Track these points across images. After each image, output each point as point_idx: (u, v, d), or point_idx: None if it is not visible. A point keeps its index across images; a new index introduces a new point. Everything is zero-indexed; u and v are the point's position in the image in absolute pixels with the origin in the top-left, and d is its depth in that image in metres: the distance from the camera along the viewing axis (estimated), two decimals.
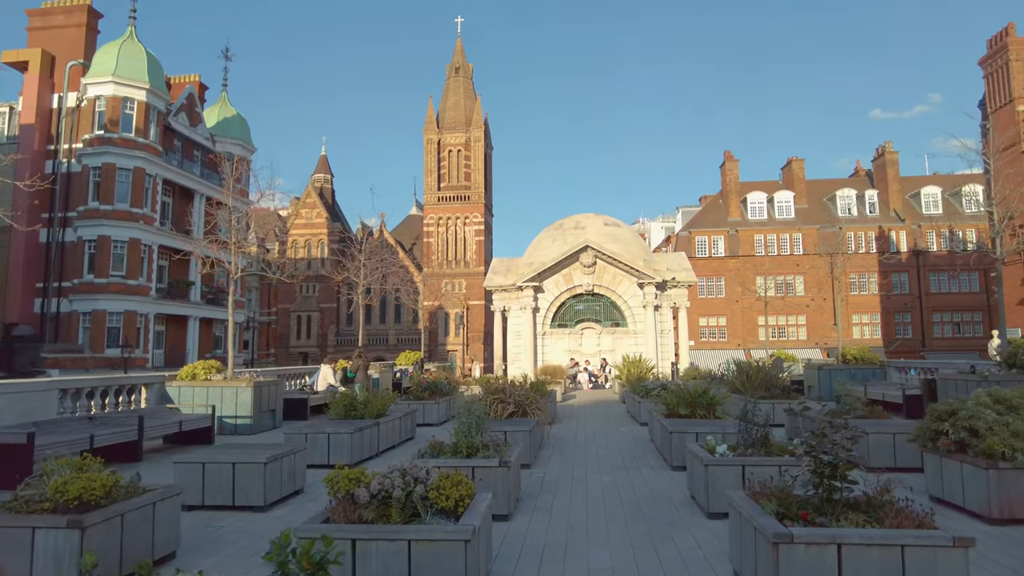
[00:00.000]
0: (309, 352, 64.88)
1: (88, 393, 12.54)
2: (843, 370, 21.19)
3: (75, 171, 34.13)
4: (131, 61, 34.23)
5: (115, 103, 33.89)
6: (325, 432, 9.34)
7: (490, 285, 33.05)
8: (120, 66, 33.72)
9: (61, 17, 36.39)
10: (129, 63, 34.07)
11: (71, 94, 34.83)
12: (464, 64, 73.21)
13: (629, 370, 23.04)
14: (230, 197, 16.21)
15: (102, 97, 33.74)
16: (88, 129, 33.99)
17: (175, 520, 5.39)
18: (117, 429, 10.13)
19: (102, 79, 33.44)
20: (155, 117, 35.39)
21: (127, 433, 10.24)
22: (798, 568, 3.67)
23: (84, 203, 33.15)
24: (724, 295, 55.19)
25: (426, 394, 15.15)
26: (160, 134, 35.86)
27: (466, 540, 3.88)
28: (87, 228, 32.93)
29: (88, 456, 5.32)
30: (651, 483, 8.34)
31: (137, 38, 35.68)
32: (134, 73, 34.04)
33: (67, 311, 32.96)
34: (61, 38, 35.93)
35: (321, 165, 74.28)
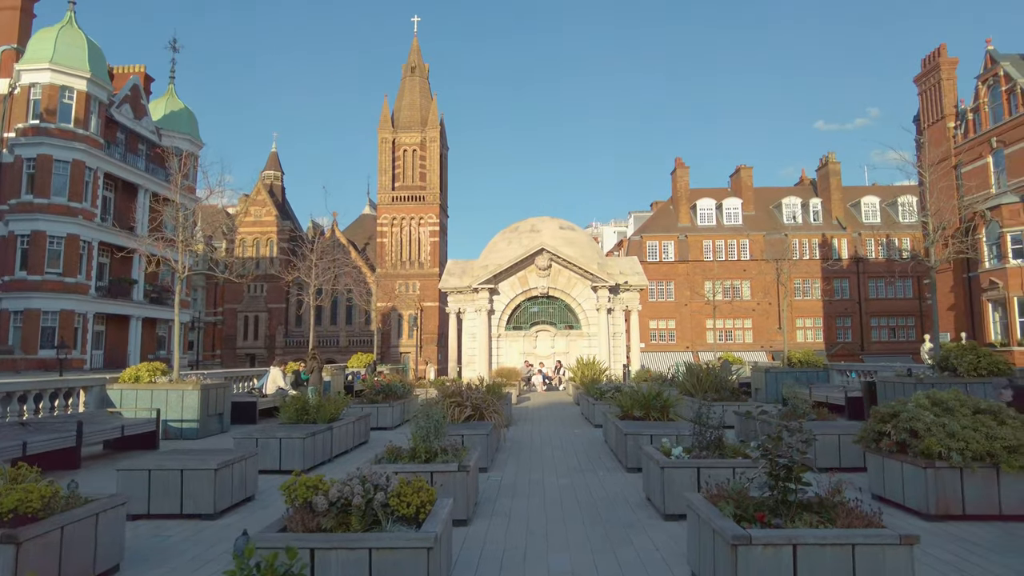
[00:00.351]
0: (256, 353, 63.27)
1: (20, 397, 11.90)
2: (789, 373, 21.83)
3: (6, 162, 32.42)
4: (70, 48, 32.71)
5: (52, 92, 32.32)
6: (277, 437, 9.10)
7: (445, 287, 32.88)
8: (58, 53, 32.17)
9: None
10: (68, 50, 32.55)
11: (2, 80, 33.06)
12: (420, 64, 72.70)
13: (583, 372, 23.25)
14: (178, 193, 15.65)
15: (38, 85, 32.13)
16: (22, 118, 32.30)
17: (119, 531, 5.16)
18: (53, 435, 9.65)
19: (38, 66, 31.84)
20: (97, 108, 33.94)
21: (64, 439, 9.77)
22: (756, 569, 3.76)
23: (16, 196, 31.48)
24: (674, 299, 56.31)
25: (380, 397, 14.94)
26: (102, 126, 34.41)
27: (428, 548, 3.84)
28: (19, 222, 31.29)
29: (23, 465, 5.04)
30: (607, 485, 8.43)
31: (77, 24, 34.13)
32: (73, 61, 32.54)
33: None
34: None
35: (271, 162, 72.61)
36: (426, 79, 72.95)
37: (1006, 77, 31.66)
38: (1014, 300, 31.05)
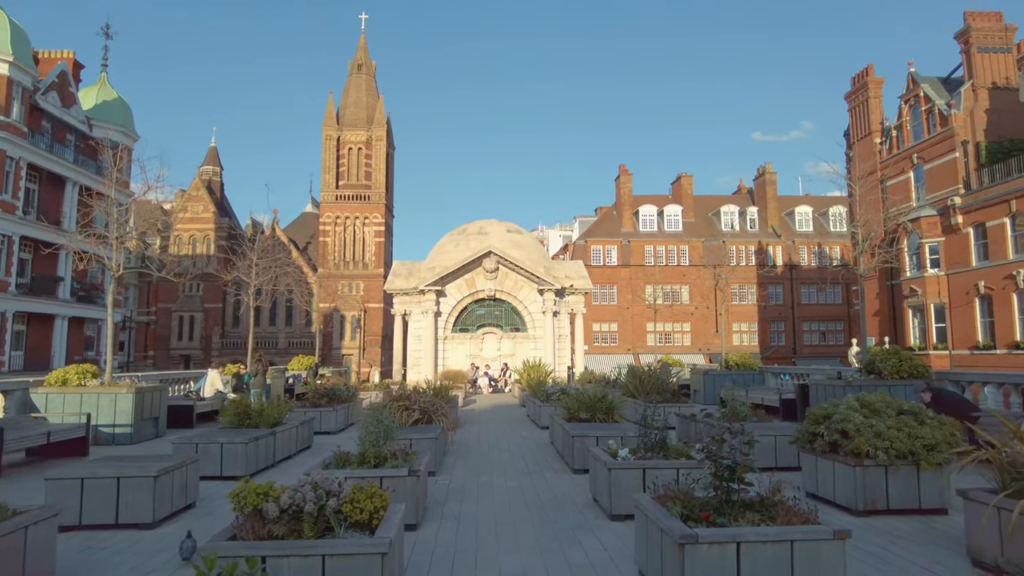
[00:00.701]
0: (192, 355, 60.99)
1: None
2: (726, 375, 22.57)
3: None
4: None
5: None
6: (218, 442, 8.83)
7: (391, 288, 32.53)
8: None
9: None
10: None
11: None
12: (367, 61, 71.72)
13: (529, 375, 23.43)
14: (112, 188, 14.96)
15: None
16: None
17: (50, 545, 4.92)
18: None
19: None
20: (20, 94, 32.12)
21: None
22: (702, 566, 3.91)
23: None
24: (616, 302, 57.38)
25: (324, 401, 14.68)
26: (26, 113, 32.58)
27: (383, 553, 3.83)
28: None
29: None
30: (555, 487, 8.55)
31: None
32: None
33: None
34: None
35: (210, 157, 70.21)
36: (373, 77, 72.02)
37: (926, 98, 33.66)
38: (931, 307, 33.00)
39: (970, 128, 31.75)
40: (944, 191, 32.44)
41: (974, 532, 5.18)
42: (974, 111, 31.78)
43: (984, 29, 32.05)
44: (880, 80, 37.61)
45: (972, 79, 32.20)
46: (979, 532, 5.06)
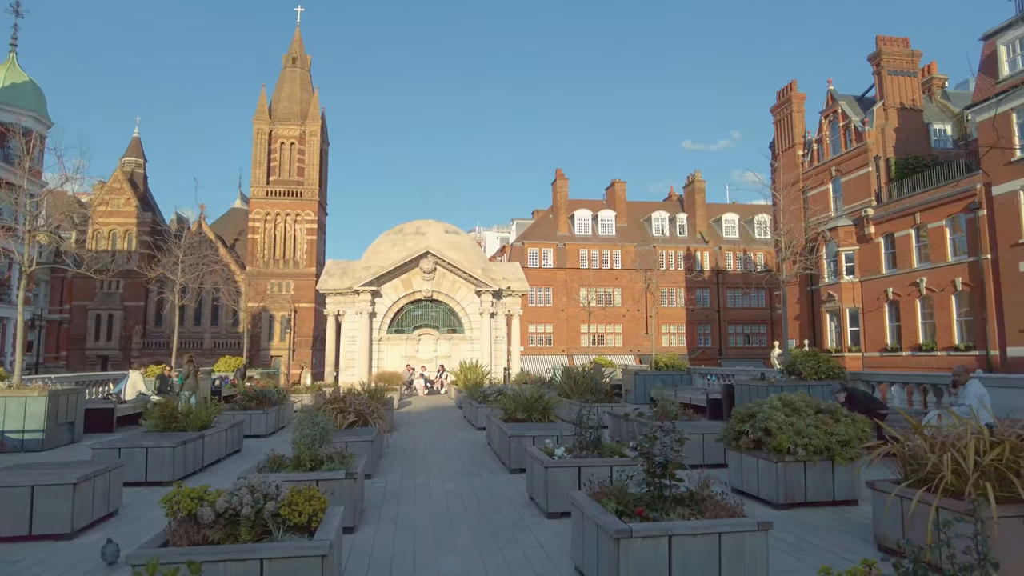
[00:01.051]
0: (110, 356, 57.81)
1: None
2: (656, 375, 23.24)
3: None
4: None
5: None
6: (143, 446, 8.47)
7: (324, 288, 31.84)
8: None
9: None
10: None
11: None
12: (302, 55, 69.94)
13: (466, 376, 23.46)
14: (25, 178, 14.06)
15: None
16: None
17: None
18: None
19: None
20: None
21: None
22: (636, 559, 4.08)
23: None
24: (552, 304, 58.10)
25: (253, 404, 14.25)
26: None
27: (323, 555, 3.81)
28: None
29: None
30: (492, 487, 8.63)
31: None
32: None
33: None
34: None
35: (133, 148, 66.80)
36: (308, 71, 70.31)
37: (843, 114, 35.73)
38: (846, 311, 35.01)
39: (881, 145, 33.90)
40: (859, 203, 34.49)
41: (880, 519, 5.60)
42: (885, 129, 33.95)
43: (893, 53, 34.32)
44: (803, 95, 39.64)
45: (883, 99, 34.40)
46: (883, 519, 5.48)
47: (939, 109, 37.36)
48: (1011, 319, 26.57)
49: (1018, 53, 26.44)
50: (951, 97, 38.62)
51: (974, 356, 28.17)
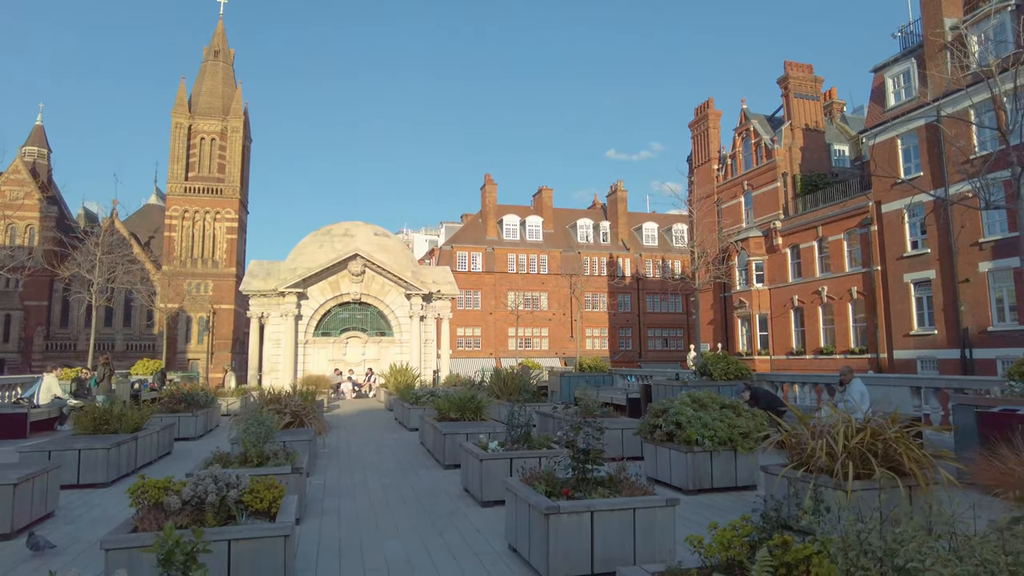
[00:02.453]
0: (7, 358, 54.03)
1: None
2: (580, 377, 24.22)
3: None
4: None
5: None
6: (75, 448, 8.43)
7: (247, 289, 31.18)
8: None
9: None
10: None
11: None
12: (225, 48, 67.74)
13: (396, 379, 23.67)
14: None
15: None
16: None
17: None
18: None
19: None
20: None
21: None
22: (564, 532, 4.70)
23: None
24: (480, 307, 58.72)
25: (182, 406, 14.08)
26: None
27: (286, 535, 4.22)
28: None
29: None
30: (427, 482, 9.11)
31: None
32: None
33: None
34: None
35: (35, 137, 62.71)
36: (231, 65, 68.15)
37: (755, 132, 38.19)
38: (756, 317, 37.38)
39: (789, 162, 36.48)
40: (768, 215, 36.94)
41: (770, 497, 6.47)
42: (792, 147, 36.56)
43: (799, 78, 37.04)
44: (719, 112, 42.06)
45: (790, 120, 37.05)
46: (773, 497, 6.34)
47: (838, 131, 40.51)
48: (897, 325, 29.25)
49: (902, 86, 29.19)
50: (848, 121, 41.96)
51: (867, 359, 30.80)
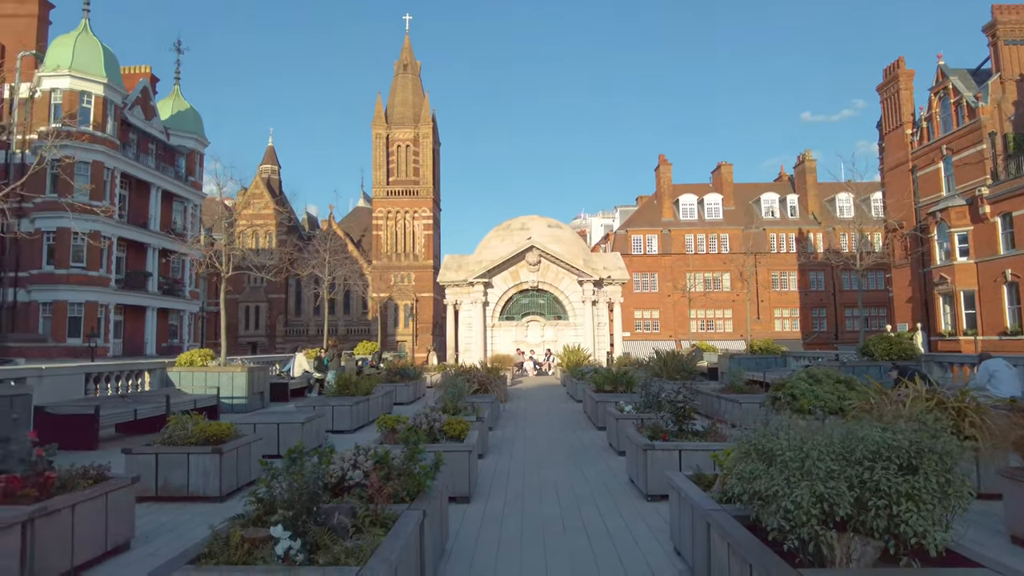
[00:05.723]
0: (258, 342, 65.71)
1: (105, 377, 14.53)
2: (750, 359, 24.76)
3: (29, 162, 34.42)
4: (87, 55, 34.70)
5: (72, 97, 34.37)
6: (330, 405, 11.84)
7: (443, 280, 35.56)
8: (76, 60, 34.15)
9: (12, 6, 36.35)
10: (85, 57, 34.54)
11: (23, 85, 34.96)
12: (412, 61, 74.81)
13: (569, 358, 26.10)
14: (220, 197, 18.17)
15: (58, 90, 34.10)
16: (44, 121, 34.26)
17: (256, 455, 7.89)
18: (151, 405, 12.34)
19: (58, 72, 33.77)
20: (112, 111, 36.05)
21: (158, 408, 12.44)
22: (656, 462, 6.56)
23: (41, 195, 33.53)
24: (658, 290, 59.24)
25: (398, 378, 17.69)
26: (118, 127, 36.54)
27: (469, 451, 6.61)
28: (45, 220, 33.43)
29: (194, 414, 7.73)
30: (581, 438, 11.27)
31: (91, 31, 36.04)
32: (91, 67, 34.54)
33: (24, 300, 33.52)
34: (12, 27, 35.91)
35: (268, 156, 74.69)
36: (418, 76, 75.10)
37: (954, 90, 34.62)
38: (960, 294, 34.17)
39: (998, 120, 32.68)
40: (972, 182, 33.47)
41: None
42: (1001, 103, 32.68)
43: (1010, 22, 32.84)
44: (911, 72, 38.54)
45: (999, 72, 33.06)
46: None
47: None
48: None
49: None
50: None
51: None
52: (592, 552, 5.16)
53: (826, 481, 3.07)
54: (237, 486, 7.21)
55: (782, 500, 3.09)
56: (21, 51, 35.40)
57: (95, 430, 10.56)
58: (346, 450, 4.71)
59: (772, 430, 3.66)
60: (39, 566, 4.30)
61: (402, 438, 5.64)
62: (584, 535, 5.61)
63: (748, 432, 3.81)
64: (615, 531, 5.68)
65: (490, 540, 5.49)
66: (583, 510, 6.41)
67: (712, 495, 4.27)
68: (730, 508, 3.85)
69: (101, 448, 10.39)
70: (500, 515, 6.27)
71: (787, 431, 3.64)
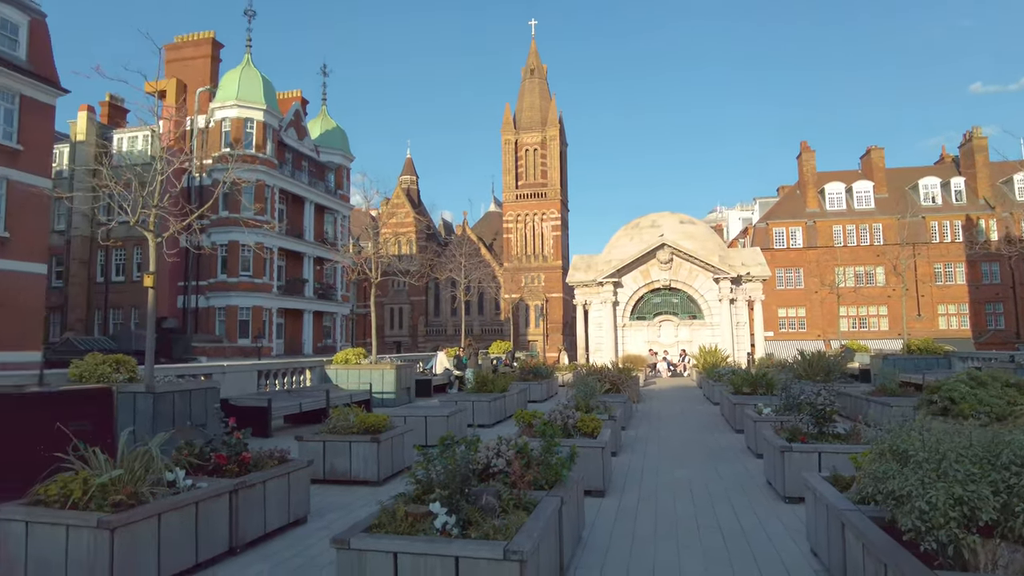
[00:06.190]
0: (401, 341, 69.80)
1: (272, 373, 16.34)
2: (907, 359, 22.80)
3: (205, 184, 39.13)
4: (250, 86, 38.83)
5: (238, 124, 38.61)
6: (470, 400, 12.58)
7: (572, 281, 35.92)
8: (241, 90, 38.31)
9: (190, 50, 41.47)
10: (248, 87, 38.67)
11: (200, 117, 39.78)
12: (538, 66, 75.94)
13: (705, 359, 25.46)
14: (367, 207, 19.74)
15: (227, 119, 38.45)
16: (216, 147, 38.79)
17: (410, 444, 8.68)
18: (313, 398, 13.77)
19: (227, 103, 38.07)
20: (271, 134, 40.03)
21: (319, 402, 13.85)
22: (794, 463, 6.45)
23: (215, 213, 37.94)
24: (803, 286, 55.76)
25: (531, 376, 18.29)
26: (275, 149, 40.52)
27: (602, 447, 6.88)
28: (219, 234, 37.80)
29: (353, 406, 8.63)
30: (718, 440, 11.12)
31: (253, 64, 40.23)
32: (252, 96, 38.62)
33: (204, 306, 38.12)
34: (191, 68, 40.94)
35: (407, 167, 79.03)
36: (544, 80, 76.11)
37: None
38: None
39: None
40: None
41: None
42: None
43: None
44: None
45: None
46: None
47: None
48: None
49: None
50: None
51: None
52: (726, 549, 5.24)
53: (965, 484, 3.03)
54: (392, 472, 8.00)
55: (916, 500, 3.09)
56: (199, 88, 40.42)
57: (268, 420, 12.00)
58: (490, 440, 5.16)
59: (906, 431, 3.62)
60: (242, 528, 5.16)
61: (539, 431, 6.05)
62: (718, 533, 5.69)
63: (882, 433, 3.79)
64: (750, 530, 5.71)
65: (624, 533, 5.74)
66: (718, 509, 6.46)
67: (849, 496, 4.25)
68: (865, 508, 3.84)
69: (273, 436, 11.79)
70: (634, 510, 6.49)
71: (921, 432, 3.59)
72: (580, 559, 5.03)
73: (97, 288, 39.50)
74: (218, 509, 4.91)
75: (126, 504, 4.29)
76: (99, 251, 39.36)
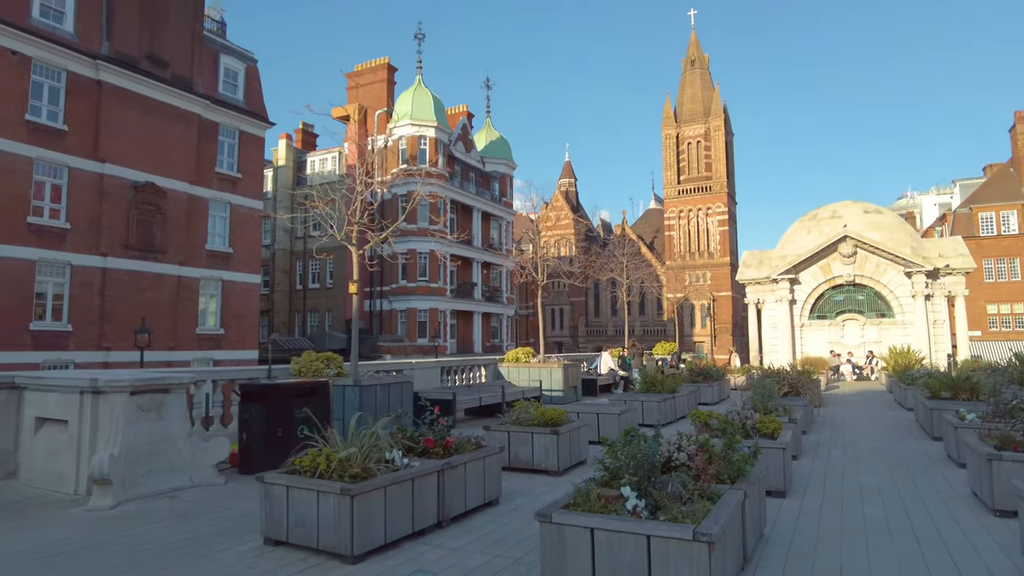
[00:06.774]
0: (562, 341, 70.98)
1: (452, 370, 17.66)
2: None
3: (386, 199, 42.73)
4: (422, 105, 41.86)
5: (413, 141, 41.75)
6: (639, 400, 12.78)
7: (742, 278, 34.39)
8: (414, 110, 41.41)
9: (369, 76, 45.57)
10: (420, 107, 41.72)
11: (379, 136, 43.52)
12: (699, 56, 73.39)
13: (896, 361, 23.31)
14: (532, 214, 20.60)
15: (403, 137, 41.73)
16: (394, 164, 42.23)
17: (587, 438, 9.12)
18: (491, 393, 14.75)
19: (402, 123, 41.32)
20: (441, 149, 42.81)
21: (495, 396, 14.81)
22: (1003, 473, 5.95)
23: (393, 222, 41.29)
24: (1020, 278, 48.65)
25: (701, 378, 17.99)
26: (446, 162, 43.26)
27: (783, 448, 6.82)
28: (399, 243, 41.06)
29: (533, 400, 9.25)
30: (911, 447, 10.31)
31: (423, 84, 43.27)
32: (424, 115, 41.58)
33: (387, 309, 41.68)
34: (370, 92, 44.99)
35: (566, 170, 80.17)
36: (706, 70, 73.39)
37: None
38: None
39: None
40: None
41: None
42: None
43: None
44: None
45: None
46: None
47: None
48: None
49: None
50: None
51: None
52: (922, 556, 5.05)
53: None
54: (570, 464, 8.49)
55: None
56: (377, 110, 44.35)
57: (453, 412, 13.09)
58: (670, 435, 5.43)
59: None
60: (447, 504, 5.91)
61: (718, 429, 6.20)
62: (913, 539, 5.46)
63: None
64: (951, 540, 5.41)
65: (808, 532, 5.71)
66: (912, 516, 6.15)
67: None
68: None
69: (457, 427, 12.84)
70: (817, 511, 6.38)
71: None
72: (763, 552, 5.13)
73: (296, 294, 44.81)
74: (429, 486, 5.68)
75: (361, 476, 5.16)
76: (298, 261, 44.67)
